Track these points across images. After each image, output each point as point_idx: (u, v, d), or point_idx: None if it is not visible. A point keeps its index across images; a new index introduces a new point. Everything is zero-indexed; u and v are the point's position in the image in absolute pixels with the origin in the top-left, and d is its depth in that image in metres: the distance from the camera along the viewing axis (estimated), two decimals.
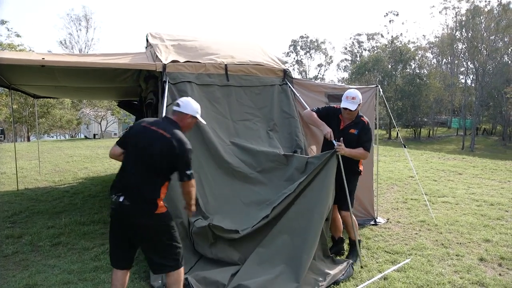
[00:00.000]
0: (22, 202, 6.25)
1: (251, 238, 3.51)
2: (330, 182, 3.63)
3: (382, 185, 7.66)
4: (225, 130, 4.23)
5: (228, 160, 3.98)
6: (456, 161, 10.85)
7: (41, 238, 4.48)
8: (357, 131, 3.82)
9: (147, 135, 2.59)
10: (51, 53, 6.00)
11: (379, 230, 4.86)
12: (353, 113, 3.84)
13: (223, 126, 4.25)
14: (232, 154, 4.08)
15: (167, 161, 2.54)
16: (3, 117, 21.50)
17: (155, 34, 6.03)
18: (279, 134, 4.45)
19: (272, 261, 3.38)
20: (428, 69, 31.89)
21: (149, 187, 2.53)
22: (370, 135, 3.88)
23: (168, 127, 2.62)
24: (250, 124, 4.40)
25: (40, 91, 7.71)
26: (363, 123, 3.86)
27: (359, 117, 3.90)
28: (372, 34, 39.11)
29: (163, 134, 2.56)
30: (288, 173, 3.94)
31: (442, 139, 26.72)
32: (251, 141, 4.25)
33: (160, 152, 2.53)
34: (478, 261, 3.89)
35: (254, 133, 4.34)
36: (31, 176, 8.56)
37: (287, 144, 4.36)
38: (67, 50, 35.26)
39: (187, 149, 2.58)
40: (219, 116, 4.28)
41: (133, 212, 2.51)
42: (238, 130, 4.31)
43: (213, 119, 4.19)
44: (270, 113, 4.54)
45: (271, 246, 3.49)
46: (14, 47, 20.38)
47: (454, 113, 36.54)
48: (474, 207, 5.93)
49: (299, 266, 3.27)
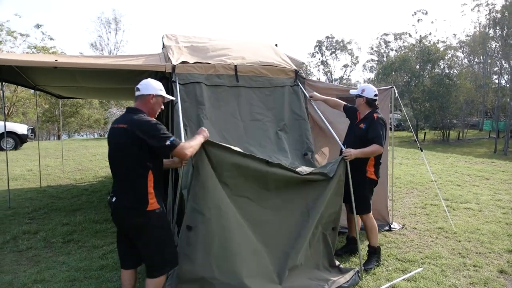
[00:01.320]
0: (43, 199, 6.46)
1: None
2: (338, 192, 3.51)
3: (401, 189, 7.41)
4: (233, 131, 4.15)
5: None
6: (483, 165, 10.36)
7: (55, 234, 4.61)
8: (365, 126, 3.80)
9: (112, 134, 2.58)
10: (64, 55, 6.19)
11: (393, 237, 4.68)
12: (361, 103, 3.90)
13: (232, 126, 4.17)
14: None
15: (137, 149, 2.44)
16: (36, 116, 22.40)
17: (171, 35, 6.09)
18: (289, 135, 4.37)
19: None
20: (459, 69, 30.67)
21: (133, 183, 2.47)
22: (378, 130, 3.68)
23: (126, 118, 2.55)
24: (260, 125, 4.32)
25: (63, 91, 7.98)
26: (372, 118, 3.78)
27: (371, 113, 3.84)
28: (400, 33, 38.04)
29: (122, 127, 2.50)
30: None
31: (472, 142, 25.62)
32: (260, 141, 4.17)
33: (124, 146, 2.47)
34: (498, 273, 3.65)
35: (263, 133, 4.26)
36: (55, 173, 8.85)
37: (297, 147, 4.28)
38: (97, 52, 36.32)
39: (149, 126, 2.45)
40: (228, 116, 4.21)
41: (125, 211, 2.50)
42: (248, 130, 4.23)
43: (221, 120, 4.14)
44: (280, 114, 4.46)
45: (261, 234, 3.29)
46: (47, 49, 21.21)
47: (487, 115, 34.95)
48: (499, 214, 5.62)
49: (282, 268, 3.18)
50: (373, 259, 3.75)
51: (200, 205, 2.91)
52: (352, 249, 4.08)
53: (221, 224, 2.95)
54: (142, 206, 2.46)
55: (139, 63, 4.54)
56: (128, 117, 2.53)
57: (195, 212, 2.91)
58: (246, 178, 3.16)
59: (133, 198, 2.48)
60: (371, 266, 3.68)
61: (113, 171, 2.58)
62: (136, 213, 2.48)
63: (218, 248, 2.91)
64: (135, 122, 2.47)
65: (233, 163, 3.05)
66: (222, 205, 2.99)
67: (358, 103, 3.95)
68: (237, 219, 3.08)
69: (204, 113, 3.97)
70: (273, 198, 3.31)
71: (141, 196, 2.47)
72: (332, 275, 3.40)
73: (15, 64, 4.14)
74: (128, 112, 2.61)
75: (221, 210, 2.97)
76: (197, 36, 6.21)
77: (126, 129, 2.47)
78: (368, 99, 3.83)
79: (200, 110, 3.97)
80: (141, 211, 2.47)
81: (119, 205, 2.50)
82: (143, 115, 2.56)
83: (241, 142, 4.04)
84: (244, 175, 3.14)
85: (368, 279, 3.49)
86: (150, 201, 2.47)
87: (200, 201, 2.91)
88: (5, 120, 6.74)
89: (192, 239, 2.89)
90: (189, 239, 2.89)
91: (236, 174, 3.10)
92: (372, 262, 3.72)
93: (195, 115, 3.96)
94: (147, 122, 2.48)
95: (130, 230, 2.57)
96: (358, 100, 3.93)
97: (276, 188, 3.31)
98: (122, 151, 2.49)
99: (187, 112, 3.92)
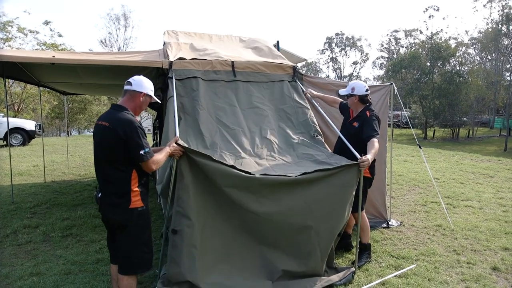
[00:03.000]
0: (46, 194, 6.58)
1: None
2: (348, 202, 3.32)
3: (403, 186, 7.36)
4: (232, 117, 4.02)
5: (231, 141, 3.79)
6: (489, 163, 10.21)
7: (55, 229, 4.70)
8: (358, 124, 3.78)
9: (96, 131, 2.57)
10: (62, 51, 6.26)
11: (389, 233, 4.67)
12: (355, 101, 3.84)
13: (230, 113, 4.06)
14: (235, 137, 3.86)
15: (119, 149, 2.43)
16: (45, 112, 22.73)
17: (172, 32, 6.13)
18: (293, 120, 4.27)
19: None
20: (470, 66, 30.19)
21: (115, 180, 2.47)
22: (372, 125, 3.62)
23: (109, 115, 2.53)
24: (260, 111, 4.22)
25: (67, 87, 8.08)
26: (365, 116, 3.76)
27: (364, 111, 3.81)
28: (410, 30, 37.51)
29: (105, 125, 2.48)
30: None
31: (482, 140, 25.20)
32: (260, 125, 4.06)
33: (108, 145, 2.46)
34: (491, 270, 3.62)
35: (263, 118, 4.15)
36: (60, 169, 9.00)
37: (303, 130, 4.17)
38: (107, 48, 36.62)
39: (132, 129, 2.43)
40: (226, 106, 4.12)
41: (109, 208, 2.52)
42: (247, 116, 4.12)
43: (219, 109, 4.06)
44: (281, 103, 4.39)
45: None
46: (56, 46, 21.46)
47: (498, 113, 34.38)
48: (500, 212, 5.55)
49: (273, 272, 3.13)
50: (364, 256, 3.75)
51: (184, 209, 2.88)
52: (347, 244, 4.08)
53: (206, 228, 2.94)
54: (124, 204, 2.48)
55: (136, 59, 4.59)
56: (111, 115, 2.53)
57: (180, 216, 2.89)
58: (234, 184, 2.98)
59: (116, 196, 2.48)
60: (362, 263, 3.69)
61: (96, 168, 2.60)
62: (119, 210, 2.49)
63: (204, 252, 2.91)
64: (118, 121, 2.46)
65: (217, 169, 2.93)
66: (207, 209, 2.97)
67: (351, 102, 3.89)
68: (223, 223, 3.05)
69: (200, 104, 3.93)
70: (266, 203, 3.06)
71: (124, 193, 2.47)
72: (327, 274, 3.37)
73: (11, 60, 4.20)
74: (112, 109, 2.60)
75: (206, 214, 2.95)
76: (199, 33, 6.23)
77: (109, 128, 2.46)
78: (361, 96, 3.79)
79: (195, 102, 3.95)
80: (123, 209, 2.48)
81: (103, 201, 2.53)
82: (127, 113, 2.54)
83: (241, 126, 3.96)
84: (232, 182, 2.97)
85: (360, 275, 3.49)
86: (133, 199, 2.49)
87: (184, 205, 2.88)
88: (7, 116, 6.84)
89: (177, 242, 2.88)
90: (175, 243, 2.89)
91: (222, 181, 2.95)
92: (363, 259, 3.72)
93: (191, 107, 3.93)
94: (130, 123, 2.46)
95: (113, 226, 2.60)
96: (351, 99, 3.86)
97: (269, 193, 3.07)
98: (105, 150, 2.49)
99: (183, 106, 3.92)
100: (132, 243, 2.55)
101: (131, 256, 2.57)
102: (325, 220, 3.20)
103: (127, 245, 2.55)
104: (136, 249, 2.57)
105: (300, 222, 3.14)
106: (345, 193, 3.28)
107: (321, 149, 3.85)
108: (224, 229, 3.07)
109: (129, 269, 2.59)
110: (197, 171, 2.93)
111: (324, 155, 3.69)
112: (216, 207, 3.04)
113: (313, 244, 3.19)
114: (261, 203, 3.04)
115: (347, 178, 3.26)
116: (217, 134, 3.80)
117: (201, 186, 2.96)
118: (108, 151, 2.47)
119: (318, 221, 3.18)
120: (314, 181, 3.15)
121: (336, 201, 3.25)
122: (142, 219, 2.56)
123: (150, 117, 31.29)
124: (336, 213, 3.26)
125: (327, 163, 3.46)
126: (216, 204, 3.03)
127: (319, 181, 3.17)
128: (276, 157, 3.71)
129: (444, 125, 27.21)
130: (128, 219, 2.50)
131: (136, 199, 2.50)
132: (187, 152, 2.87)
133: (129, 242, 2.55)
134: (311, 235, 3.16)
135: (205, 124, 3.83)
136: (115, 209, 2.50)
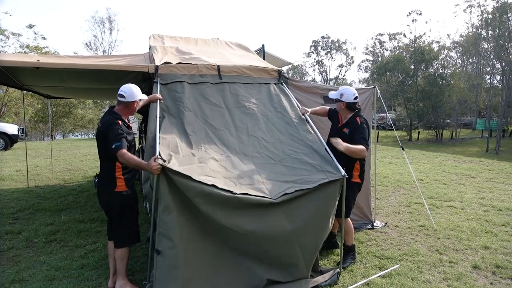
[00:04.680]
0: (29, 199, 6.46)
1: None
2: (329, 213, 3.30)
3: (388, 187, 7.48)
4: (218, 118, 3.98)
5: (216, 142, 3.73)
6: (471, 164, 10.46)
7: (38, 234, 4.62)
8: (348, 131, 3.76)
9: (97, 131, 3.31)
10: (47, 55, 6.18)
11: (374, 234, 4.74)
12: (342, 107, 3.84)
13: (217, 114, 4.01)
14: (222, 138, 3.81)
15: (103, 143, 3.04)
16: (28, 116, 22.29)
17: (158, 36, 6.12)
18: (283, 115, 4.17)
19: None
20: (452, 69, 30.88)
21: (105, 169, 3.14)
22: (363, 132, 3.67)
23: (103, 118, 3.18)
24: (246, 110, 4.16)
25: (52, 91, 7.94)
26: (355, 122, 3.75)
27: (354, 117, 3.80)
28: (394, 34, 38.17)
29: (99, 126, 3.18)
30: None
31: (465, 141, 25.79)
32: (247, 125, 3.99)
33: (99, 142, 3.14)
34: (472, 268, 3.72)
35: (251, 117, 4.08)
36: (43, 174, 8.84)
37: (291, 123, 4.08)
38: (92, 51, 36.15)
39: (109, 125, 3.02)
40: (213, 107, 4.08)
41: (100, 191, 3.21)
42: (234, 116, 4.05)
43: (205, 111, 4.00)
44: (268, 101, 4.36)
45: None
46: (40, 49, 21.10)
47: (479, 115, 35.21)
48: (481, 212, 5.69)
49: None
50: (348, 257, 3.80)
51: (166, 230, 2.88)
52: (332, 243, 4.11)
53: (189, 248, 2.94)
54: (111, 187, 3.08)
55: (122, 64, 4.55)
56: (104, 118, 3.17)
57: (161, 237, 2.89)
58: (215, 204, 2.96)
59: (105, 181, 3.13)
60: (347, 264, 3.74)
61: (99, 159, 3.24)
62: (106, 193, 3.12)
63: (187, 271, 2.91)
64: (105, 124, 3.08)
65: (198, 190, 2.91)
66: (189, 228, 2.96)
67: (339, 107, 3.89)
68: (207, 241, 3.04)
69: (185, 105, 3.89)
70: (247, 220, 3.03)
71: (110, 179, 3.09)
72: (312, 277, 3.37)
73: None
74: (106, 113, 3.21)
75: (188, 234, 2.95)
76: (184, 37, 6.23)
77: (101, 129, 3.11)
78: (348, 104, 3.78)
79: (180, 104, 3.90)
80: (110, 192, 3.09)
81: (98, 185, 3.27)
82: (115, 117, 3.12)
83: (228, 127, 3.91)
84: (213, 201, 2.95)
85: (345, 276, 3.55)
86: (118, 184, 3.08)
87: (166, 226, 2.88)
88: None
89: (159, 263, 2.89)
90: (158, 263, 2.90)
91: (202, 200, 2.93)
92: (347, 260, 3.78)
93: (176, 109, 3.88)
94: (110, 124, 3.04)
95: (104, 206, 3.20)
96: (339, 104, 3.86)
97: (250, 211, 3.04)
98: (98, 146, 3.17)
99: (168, 109, 3.87)
100: (119, 221, 3.15)
101: (120, 233, 3.19)
102: (308, 234, 3.20)
103: (116, 224, 3.18)
104: (125, 225, 3.18)
105: (283, 237, 3.11)
106: (328, 205, 3.27)
107: (308, 144, 3.76)
108: (208, 246, 3.06)
109: (120, 242, 3.18)
110: (177, 191, 2.91)
111: (309, 152, 3.63)
112: (199, 225, 3.02)
113: (297, 257, 3.19)
114: (243, 221, 3.02)
115: (329, 191, 3.24)
116: (202, 133, 3.73)
117: (182, 205, 2.94)
118: (100, 147, 3.15)
119: (302, 236, 3.16)
120: (295, 199, 3.12)
121: (319, 215, 3.24)
122: (126, 201, 3.13)
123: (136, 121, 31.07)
124: (319, 226, 3.26)
125: (310, 164, 3.44)
126: (198, 223, 3.01)
127: (300, 198, 3.13)
128: (262, 154, 3.67)
129: (428, 127, 27.75)
130: (113, 200, 3.10)
131: (120, 184, 3.09)
132: (166, 171, 2.86)
133: (119, 220, 3.15)
134: (295, 248, 3.16)
135: (190, 124, 3.76)
136: (104, 192, 3.15)
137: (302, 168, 3.43)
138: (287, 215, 3.11)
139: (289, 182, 3.26)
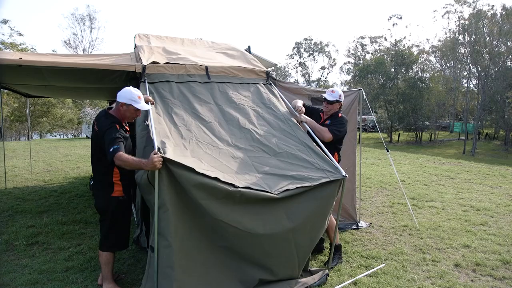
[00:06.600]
0: (7, 201, 6.26)
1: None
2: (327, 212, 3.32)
3: (371, 188, 7.61)
4: (208, 114, 3.90)
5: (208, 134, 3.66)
6: (450, 166, 10.77)
7: (18, 237, 4.48)
8: (329, 121, 4.02)
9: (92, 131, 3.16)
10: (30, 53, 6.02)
11: (359, 235, 4.82)
12: (331, 107, 4.04)
13: (207, 110, 3.94)
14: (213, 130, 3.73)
15: (99, 147, 2.98)
16: (4, 115, 21.61)
17: (143, 35, 6.03)
18: (273, 111, 4.16)
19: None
20: (431, 73, 31.69)
21: (102, 174, 3.06)
22: (340, 125, 3.93)
23: (98, 119, 3.09)
24: (236, 106, 4.12)
25: (31, 90, 7.73)
26: (336, 115, 4.04)
27: (337, 113, 4.07)
28: (375, 37, 38.93)
29: (94, 127, 3.10)
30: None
31: (443, 143, 26.48)
32: (237, 119, 3.92)
33: (95, 144, 3.06)
34: (453, 266, 3.84)
35: (241, 111, 4.04)
36: (22, 175, 8.59)
37: (283, 118, 4.07)
38: (71, 50, 35.37)
39: (105, 129, 2.92)
40: (202, 102, 4.02)
41: (95, 194, 3.17)
42: (224, 112, 4.00)
43: (194, 106, 3.93)
44: (258, 98, 4.35)
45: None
46: (16, 46, 20.52)
47: (457, 117, 36.25)
48: (460, 212, 5.87)
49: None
50: (335, 257, 3.86)
51: (162, 228, 2.82)
52: (319, 248, 4.17)
53: (184, 246, 2.89)
54: (107, 192, 3.04)
55: (108, 63, 4.47)
56: (99, 119, 3.08)
57: (157, 234, 2.84)
58: (216, 198, 2.90)
59: (101, 185, 3.08)
60: (334, 263, 3.80)
61: (91, 162, 3.17)
62: (102, 197, 3.07)
63: (181, 271, 2.87)
64: (100, 125, 3.00)
65: (199, 183, 2.82)
66: (185, 226, 2.91)
67: (333, 107, 4.03)
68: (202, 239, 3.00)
69: (173, 101, 3.85)
70: (247, 216, 3.00)
71: (107, 184, 3.04)
72: (302, 277, 3.39)
73: None
74: (101, 115, 3.13)
75: (184, 232, 2.90)
76: (170, 37, 6.18)
77: (95, 130, 3.04)
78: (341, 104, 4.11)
79: (169, 100, 3.86)
80: (106, 196, 3.05)
81: (94, 189, 3.20)
82: (110, 118, 3.04)
83: (218, 120, 3.85)
84: (215, 195, 2.89)
85: (332, 276, 3.59)
86: (115, 189, 3.05)
87: (162, 224, 2.82)
88: None
89: (153, 260, 2.85)
90: (151, 260, 2.87)
91: (203, 194, 2.86)
92: (334, 260, 3.83)
93: (165, 105, 3.81)
94: (106, 127, 2.94)
95: (98, 209, 3.18)
96: (335, 105, 4.02)
97: (251, 206, 3.01)
98: (93, 148, 3.07)
99: (156, 106, 3.83)
100: (109, 224, 3.10)
101: (109, 237, 3.14)
102: (306, 232, 3.21)
103: (106, 227, 3.13)
104: (114, 231, 3.13)
105: (280, 235, 3.09)
106: (327, 205, 3.27)
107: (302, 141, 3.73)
108: (202, 245, 3.01)
109: (106, 246, 3.14)
110: (175, 186, 2.83)
111: (304, 149, 3.61)
112: (195, 223, 2.96)
113: (292, 254, 3.20)
114: (243, 216, 2.98)
115: (329, 191, 3.23)
116: (193, 125, 3.65)
117: (179, 203, 2.87)
118: (96, 150, 3.05)
119: (299, 234, 3.16)
120: (296, 196, 3.11)
121: (317, 214, 3.25)
122: (121, 207, 3.10)
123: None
124: (316, 225, 3.28)
125: (308, 161, 3.41)
126: (194, 221, 2.96)
127: (300, 195, 3.13)
128: (255, 147, 3.60)
129: (408, 129, 28.38)
130: (108, 205, 3.06)
131: (118, 189, 3.05)
132: (167, 164, 2.75)
133: (108, 225, 3.11)
134: (291, 246, 3.17)
135: (180, 116, 3.69)
136: (99, 195, 3.10)
137: (299, 164, 3.39)
138: (287, 212, 3.10)
139: (287, 177, 3.21)
